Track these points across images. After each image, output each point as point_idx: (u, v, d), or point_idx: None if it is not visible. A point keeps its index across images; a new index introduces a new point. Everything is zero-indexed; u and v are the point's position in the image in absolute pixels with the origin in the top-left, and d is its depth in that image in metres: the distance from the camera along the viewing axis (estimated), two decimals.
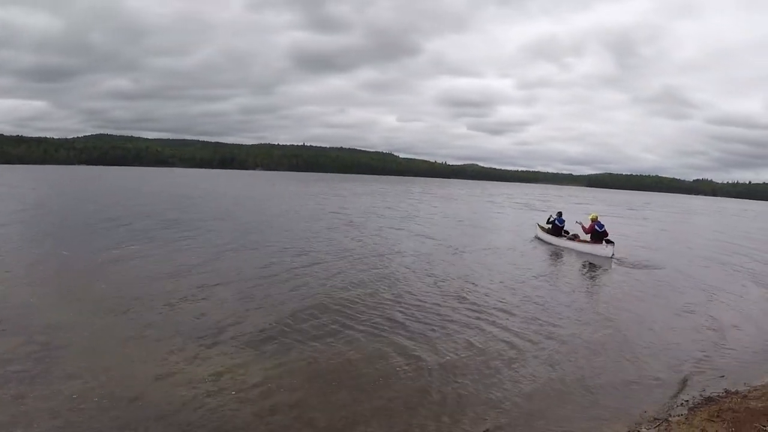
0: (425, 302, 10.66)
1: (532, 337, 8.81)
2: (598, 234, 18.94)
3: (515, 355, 7.95)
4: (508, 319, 9.84)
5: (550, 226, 21.62)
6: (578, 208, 46.07)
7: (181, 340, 7.73)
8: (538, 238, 22.46)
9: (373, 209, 35.46)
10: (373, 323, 9.05)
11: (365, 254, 16.05)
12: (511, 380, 7.05)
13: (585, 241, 19.48)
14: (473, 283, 12.75)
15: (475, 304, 10.75)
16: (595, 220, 19.29)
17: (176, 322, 8.56)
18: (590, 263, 17.18)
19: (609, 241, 18.31)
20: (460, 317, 9.74)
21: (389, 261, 15.13)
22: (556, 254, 19.08)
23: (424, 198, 56.61)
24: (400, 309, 10.05)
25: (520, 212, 40.42)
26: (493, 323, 9.49)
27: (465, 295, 11.49)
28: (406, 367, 7.25)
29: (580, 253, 18.91)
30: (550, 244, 21.08)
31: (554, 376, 7.27)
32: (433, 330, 8.89)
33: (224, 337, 7.97)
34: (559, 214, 21.76)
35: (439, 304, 10.55)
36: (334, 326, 8.78)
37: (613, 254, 17.74)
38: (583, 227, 19.68)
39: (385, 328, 8.85)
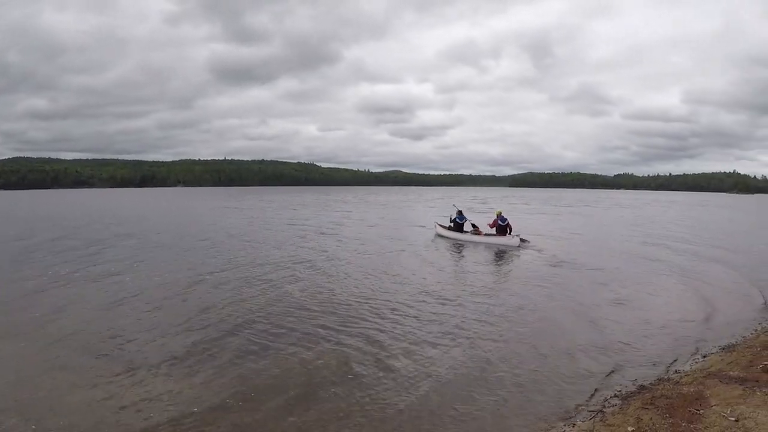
0: (350, 309, 10.33)
1: (457, 337, 8.61)
2: (501, 227, 20.84)
3: (443, 356, 7.73)
4: (433, 319, 9.67)
5: (452, 224, 23.03)
6: (510, 208, 47.14)
7: (109, 365, 7.35)
8: (440, 236, 23.41)
9: (291, 221, 35.36)
10: (299, 334, 8.66)
11: (285, 265, 15.62)
12: (441, 380, 6.84)
13: (490, 234, 21.09)
14: (391, 285, 12.69)
15: (398, 307, 10.51)
16: (499, 216, 21.25)
17: (102, 347, 8.08)
18: (501, 254, 18.31)
19: (523, 239, 20.09)
20: (385, 322, 9.45)
21: (312, 270, 14.76)
22: (464, 249, 20.02)
23: (341, 207, 56.49)
24: (328, 318, 9.67)
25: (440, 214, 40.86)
26: (418, 324, 9.30)
27: (386, 299, 11.24)
28: (338, 377, 6.94)
29: (487, 245, 20.26)
30: (454, 239, 22.26)
31: (485, 374, 7.07)
32: (360, 336, 8.57)
33: (154, 358, 7.58)
34: (459, 212, 23.22)
35: (361, 311, 10.22)
36: (260, 340, 8.40)
37: (519, 244, 19.70)
38: (488, 224, 21.44)
39: (313, 338, 8.48)
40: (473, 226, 21.95)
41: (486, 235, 21.17)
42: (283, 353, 7.81)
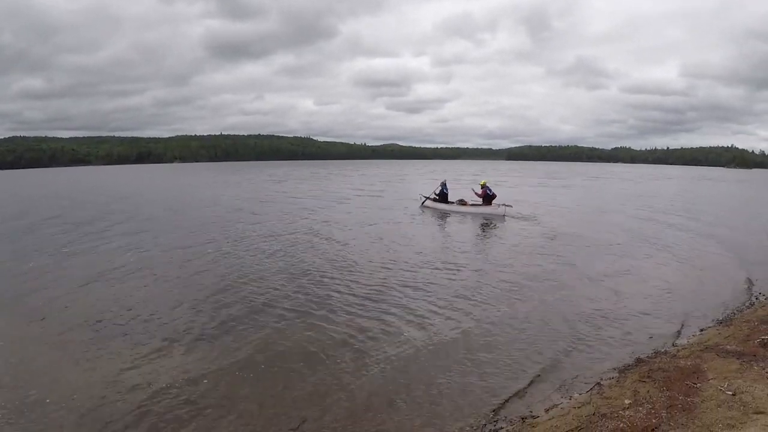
0: (350, 283, 10.32)
1: (453, 314, 8.57)
2: (488, 197, 21.36)
3: (441, 331, 7.73)
4: (426, 295, 9.66)
5: (437, 195, 23.93)
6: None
7: (106, 341, 7.45)
8: (426, 207, 24.06)
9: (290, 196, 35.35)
10: (296, 310, 8.66)
11: (281, 240, 15.65)
12: (439, 355, 6.86)
13: (476, 204, 21.73)
14: (391, 258, 12.80)
15: (397, 281, 10.58)
16: (484, 186, 21.71)
17: (99, 323, 8.13)
18: (489, 224, 19.24)
19: (507, 205, 20.72)
20: (385, 298, 9.45)
21: (308, 246, 14.64)
22: (450, 219, 20.90)
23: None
24: (325, 293, 9.68)
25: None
26: (415, 300, 9.31)
27: (384, 273, 11.29)
28: (335, 351, 6.97)
29: (474, 215, 21.14)
30: (441, 210, 23.02)
31: (484, 348, 7.08)
32: (358, 312, 8.58)
33: (150, 334, 7.67)
34: (443, 184, 24.18)
35: (363, 284, 10.28)
36: (258, 315, 8.41)
37: (505, 213, 20.38)
38: (476, 193, 21.93)
39: (309, 313, 8.49)
40: (461, 201, 22.41)
41: (472, 205, 21.84)
42: (293, 326, 7.87)
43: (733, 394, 4.91)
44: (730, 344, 6.60)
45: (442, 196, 23.64)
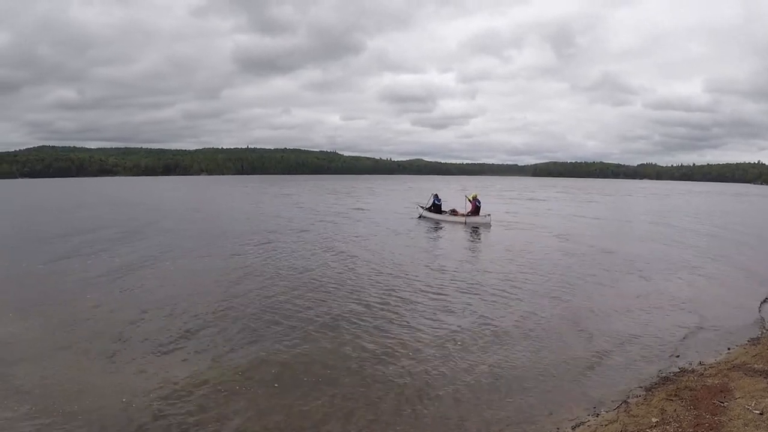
0: (369, 298, 10.41)
1: (481, 329, 8.64)
2: (476, 209, 23.93)
3: (466, 345, 7.81)
4: (450, 305, 9.81)
5: (431, 206, 26.31)
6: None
7: (132, 349, 7.57)
8: (423, 217, 26.47)
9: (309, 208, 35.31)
10: (318, 320, 8.84)
11: (303, 252, 15.79)
12: (464, 369, 6.92)
13: (465, 214, 24.05)
14: (405, 271, 13.00)
15: (412, 294, 10.71)
16: (474, 199, 24.25)
17: (124, 331, 8.29)
18: (475, 231, 21.76)
19: (488, 214, 23.52)
20: (405, 305, 9.71)
21: (327, 258, 14.87)
22: (447, 228, 23.15)
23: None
24: (347, 303, 9.84)
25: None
26: (435, 313, 9.41)
27: (398, 281, 11.70)
28: (360, 365, 7.05)
29: (465, 224, 23.44)
30: (435, 220, 25.46)
31: (510, 364, 7.13)
32: (380, 326, 8.65)
33: (174, 343, 7.80)
34: (435, 195, 26.60)
35: (377, 294, 10.56)
36: (280, 326, 8.56)
37: (491, 222, 23.03)
38: (468, 207, 24.27)
39: (331, 324, 8.67)
40: (453, 212, 24.90)
41: (462, 215, 24.07)
42: (319, 339, 7.97)
43: (761, 414, 4.93)
44: (758, 363, 6.58)
45: (436, 207, 26.00)
